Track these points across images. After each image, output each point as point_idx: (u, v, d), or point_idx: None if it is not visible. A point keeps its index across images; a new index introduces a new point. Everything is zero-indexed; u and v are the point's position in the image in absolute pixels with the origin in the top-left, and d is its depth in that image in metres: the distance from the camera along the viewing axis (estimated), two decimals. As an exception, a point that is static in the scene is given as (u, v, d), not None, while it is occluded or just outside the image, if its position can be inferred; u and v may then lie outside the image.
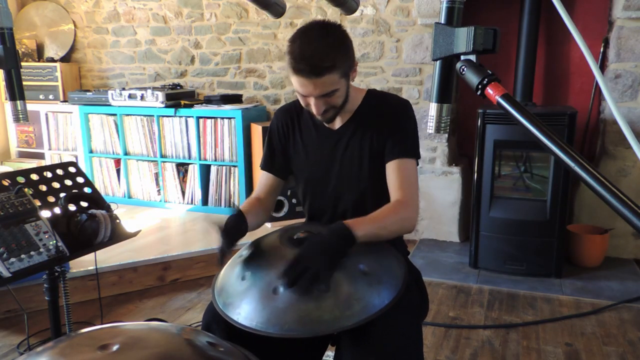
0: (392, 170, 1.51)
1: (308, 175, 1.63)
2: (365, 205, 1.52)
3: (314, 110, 1.46)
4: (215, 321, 1.32)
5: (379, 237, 1.39)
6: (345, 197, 1.58)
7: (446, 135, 3.63)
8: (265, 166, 1.69)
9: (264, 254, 1.38)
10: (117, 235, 1.79)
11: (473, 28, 0.79)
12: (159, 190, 4.24)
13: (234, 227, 1.39)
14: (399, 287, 1.26)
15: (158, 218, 3.95)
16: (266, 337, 1.17)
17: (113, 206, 1.89)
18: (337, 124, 1.59)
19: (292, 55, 1.39)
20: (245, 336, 1.18)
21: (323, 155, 1.60)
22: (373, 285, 1.24)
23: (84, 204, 1.79)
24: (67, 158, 4.48)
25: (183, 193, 4.17)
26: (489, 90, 0.77)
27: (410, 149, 1.52)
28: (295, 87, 1.44)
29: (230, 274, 1.35)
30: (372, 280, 1.24)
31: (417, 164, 1.55)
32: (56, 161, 4.50)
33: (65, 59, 4.78)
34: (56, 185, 1.84)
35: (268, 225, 3.63)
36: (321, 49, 1.37)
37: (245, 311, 1.21)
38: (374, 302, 1.20)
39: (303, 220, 1.82)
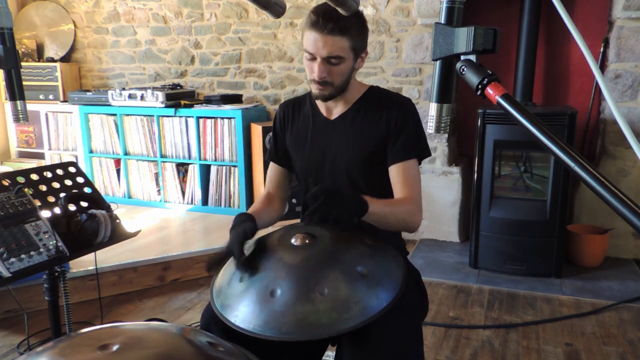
0: (395, 172, 1.54)
1: (305, 165, 1.65)
2: None
3: (315, 73, 1.47)
4: (214, 322, 1.32)
5: (387, 221, 1.42)
6: (339, 187, 1.57)
7: (446, 135, 3.63)
8: (270, 157, 1.74)
9: (262, 256, 1.37)
10: (117, 235, 1.79)
11: (473, 28, 0.79)
12: (159, 190, 4.24)
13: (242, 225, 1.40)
14: (398, 289, 1.25)
15: (158, 218, 3.94)
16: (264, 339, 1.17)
17: (113, 206, 1.89)
18: (335, 113, 1.61)
19: (311, 11, 1.43)
20: (243, 337, 1.18)
21: (320, 145, 1.61)
22: (371, 287, 1.22)
23: (84, 204, 1.79)
24: (67, 158, 4.48)
25: (183, 193, 4.17)
26: (489, 90, 0.76)
27: (412, 149, 1.54)
28: (306, 46, 1.46)
29: (229, 275, 1.35)
30: (370, 282, 1.23)
31: (420, 163, 1.57)
32: (56, 161, 4.50)
33: (65, 59, 4.78)
34: (56, 185, 1.84)
35: (268, 225, 3.63)
36: (341, 13, 1.40)
37: (242, 313, 1.20)
38: (372, 305, 1.19)
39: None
